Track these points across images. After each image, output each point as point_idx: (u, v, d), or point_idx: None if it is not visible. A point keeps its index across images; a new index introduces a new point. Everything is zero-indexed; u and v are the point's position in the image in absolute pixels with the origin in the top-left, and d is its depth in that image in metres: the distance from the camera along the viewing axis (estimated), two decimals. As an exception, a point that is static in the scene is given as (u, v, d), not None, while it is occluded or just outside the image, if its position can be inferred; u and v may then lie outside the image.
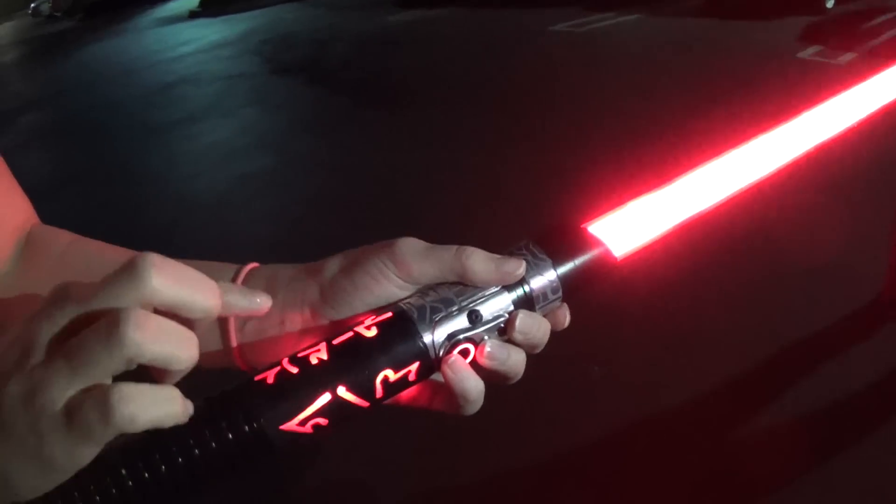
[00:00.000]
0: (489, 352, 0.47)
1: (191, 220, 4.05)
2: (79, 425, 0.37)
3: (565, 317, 0.51)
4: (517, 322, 0.47)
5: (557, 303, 0.49)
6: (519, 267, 0.47)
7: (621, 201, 0.53)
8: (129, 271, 0.39)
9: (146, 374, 0.39)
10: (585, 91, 4.73)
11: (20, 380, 0.38)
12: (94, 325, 0.37)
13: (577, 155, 3.63)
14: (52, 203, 4.52)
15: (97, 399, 0.37)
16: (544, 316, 0.49)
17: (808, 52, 5.10)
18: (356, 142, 4.69)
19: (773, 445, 2.05)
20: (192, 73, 7.44)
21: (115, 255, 0.65)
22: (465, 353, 0.47)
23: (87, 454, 0.39)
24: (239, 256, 0.58)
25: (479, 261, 0.47)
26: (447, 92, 5.17)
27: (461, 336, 0.46)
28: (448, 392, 0.47)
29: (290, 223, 3.76)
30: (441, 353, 0.46)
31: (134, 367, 0.38)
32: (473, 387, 0.46)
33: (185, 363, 0.39)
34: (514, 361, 0.47)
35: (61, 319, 0.39)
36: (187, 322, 0.40)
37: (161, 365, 0.38)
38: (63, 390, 0.37)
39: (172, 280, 0.40)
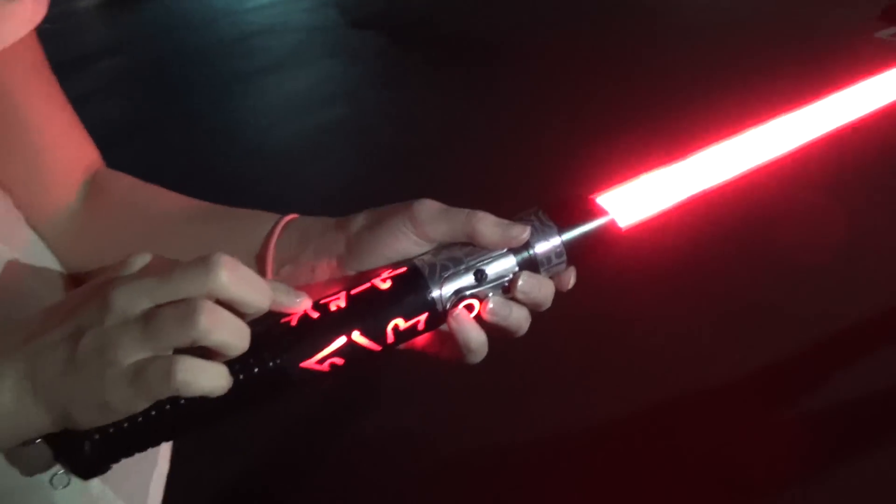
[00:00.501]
0: (491, 308, 0.52)
1: (261, 170, 4.10)
2: (141, 383, 0.44)
3: (570, 279, 0.56)
4: (519, 282, 0.52)
5: (562, 266, 0.54)
6: (524, 232, 0.52)
7: (631, 175, 0.57)
8: (204, 265, 0.45)
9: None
10: (663, 65, 4.54)
11: (97, 334, 0.45)
12: (173, 305, 0.44)
13: (635, 127, 3.51)
14: (126, 148, 4.59)
15: (163, 366, 0.44)
16: (550, 278, 0.54)
17: (888, 32, 4.86)
18: (429, 99, 4.65)
19: (779, 448, 2.06)
20: (270, 24, 7.45)
21: (172, 200, 0.71)
22: (470, 307, 0.52)
23: (141, 405, 0.46)
24: (304, 207, 0.63)
25: (487, 225, 0.52)
26: (527, 57, 5.05)
27: (467, 292, 0.52)
28: (453, 342, 0.52)
29: (357, 177, 3.77)
30: (448, 306, 0.52)
31: (195, 346, 0.45)
32: (475, 338, 0.52)
33: (237, 351, 0.46)
34: (516, 318, 0.53)
35: (139, 291, 0.45)
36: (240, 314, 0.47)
37: (217, 350, 0.45)
38: (133, 352, 0.44)
39: (237, 280, 0.46)
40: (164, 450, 0.84)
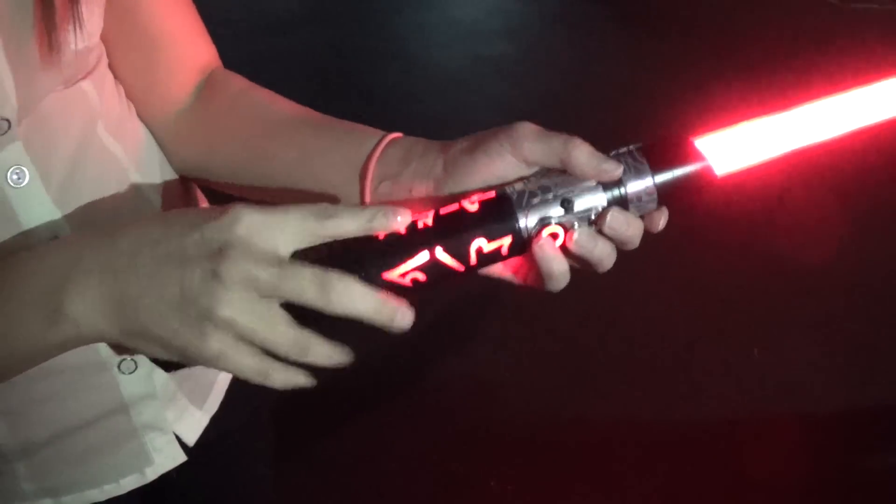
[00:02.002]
0: (577, 239, 0.52)
1: (415, 89, 4.10)
2: (223, 363, 0.47)
3: (661, 220, 0.55)
4: (608, 217, 0.52)
5: (652, 206, 0.54)
6: (617, 168, 0.52)
7: (735, 120, 0.56)
8: (327, 285, 0.47)
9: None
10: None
11: (206, 277, 0.46)
12: (281, 318, 0.47)
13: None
14: (290, 38, 4.64)
15: (252, 365, 0.47)
16: (640, 217, 0.54)
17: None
18: (598, 50, 4.52)
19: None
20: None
21: (283, 106, 0.71)
22: (554, 235, 0.53)
23: (207, 365, 0.48)
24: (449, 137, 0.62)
25: (582, 153, 0.52)
26: (711, 30, 4.78)
27: (553, 220, 0.52)
28: (536, 268, 0.53)
29: (510, 117, 3.67)
30: (532, 233, 0.52)
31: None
32: (557, 266, 0.52)
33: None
34: (601, 252, 0.52)
35: (253, 281, 0.46)
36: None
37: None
38: (231, 328, 0.46)
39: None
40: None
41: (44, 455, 0.73)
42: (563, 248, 0.53)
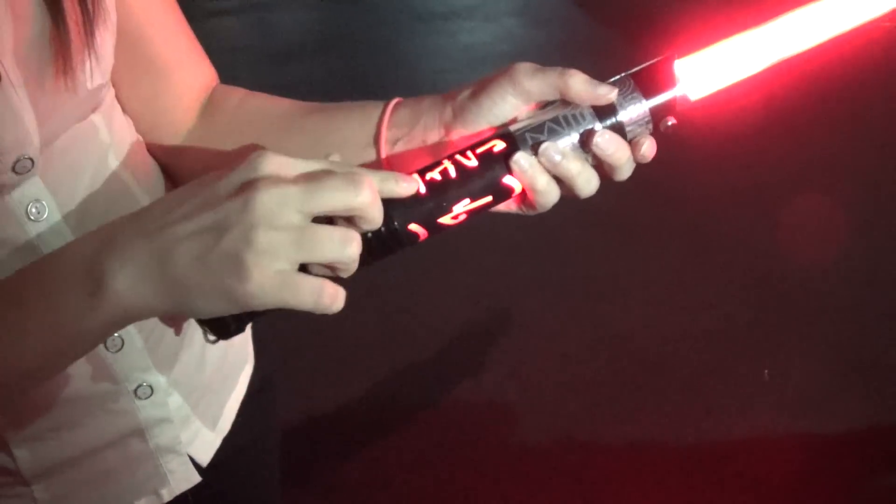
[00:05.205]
0: (543, 148, 0.54)
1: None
2: (285, 292, 0.47)
3: (645, 148, 0.56)
4: (595, 137, 0.54)
5: (647, 131, 0.56)
6: (611, 91, 0.55)
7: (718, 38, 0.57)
8: (352, 185, 0.48)
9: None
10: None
11: (241, 236, 0.46)
12: (331, 229, 0.48)
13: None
14: (300, 64, 4.68)
15: (314, 286, 0.48)
16: (629, 141, 0.56)
17: None
18: (610, 75, 4.48)
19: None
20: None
21: (285, 103, 0.75)
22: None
23: (271, 305, 0.48)
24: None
25: (577, 80, 0.55)
26: None
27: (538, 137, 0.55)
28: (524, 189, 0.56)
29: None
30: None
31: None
32: (534, 179, 0.54)
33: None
34: (567, 167, 0.54)
35: (286, 200, 0.47)
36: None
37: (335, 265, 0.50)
38: (281, 261, 0.47)
39: (374, 201, 0.50)
40: (244, 375, 0.90)
41: (62, 478, 0.75)
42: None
